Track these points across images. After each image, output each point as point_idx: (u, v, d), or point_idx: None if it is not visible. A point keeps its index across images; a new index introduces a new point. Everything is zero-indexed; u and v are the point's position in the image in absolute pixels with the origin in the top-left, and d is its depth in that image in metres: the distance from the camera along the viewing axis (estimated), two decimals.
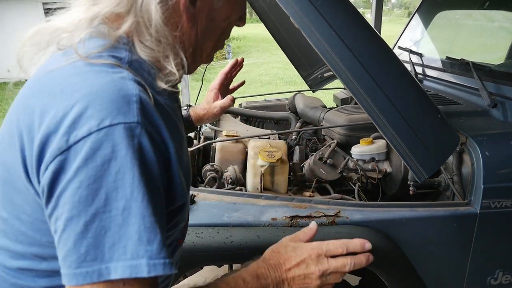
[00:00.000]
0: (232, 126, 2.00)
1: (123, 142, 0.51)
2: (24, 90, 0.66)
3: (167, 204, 0.60)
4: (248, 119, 2.39)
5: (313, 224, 0.83)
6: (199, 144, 1.75)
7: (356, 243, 0.79)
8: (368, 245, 0.80)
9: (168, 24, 0.63)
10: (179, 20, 0.65)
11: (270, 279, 0.71)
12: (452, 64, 2.03)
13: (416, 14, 2.57)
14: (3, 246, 0.63)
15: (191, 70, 0.75)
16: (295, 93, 2.57)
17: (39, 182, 0.54)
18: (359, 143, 1.69)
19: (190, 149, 1.61)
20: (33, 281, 0.62)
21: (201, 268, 1.46)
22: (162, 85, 0.63)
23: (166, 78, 0.64)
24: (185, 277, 1.43)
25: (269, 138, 1.89)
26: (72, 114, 0.52)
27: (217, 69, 1.06)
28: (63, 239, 0.51)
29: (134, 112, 0.53)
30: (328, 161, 1.61)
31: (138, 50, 0.63)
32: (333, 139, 1.87)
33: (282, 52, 2.67)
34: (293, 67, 2.69)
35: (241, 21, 0.77)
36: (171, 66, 0.64)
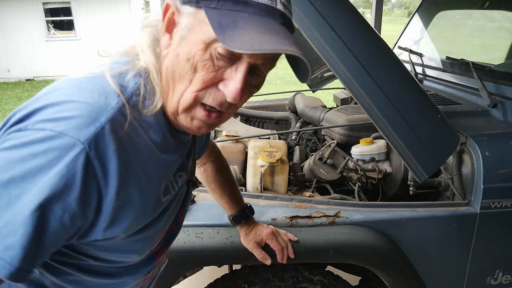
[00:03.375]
0: (232, 126, 2.00)
1: (57, 150, 0.55)
2: None
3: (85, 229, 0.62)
4: (248, 119, 2.39)
5: None
6: None
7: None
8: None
9: (150, 46, 0.68)
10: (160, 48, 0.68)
11: None
12: (452, 64, 2.03)
13: (416, 14, 2.57)
14: None
15: (171, 117, 0.71)
16: (295, 93, 2.57)
17: None
18: (359, 143, 1.68)
19: None
20: None
21: (201, 268, 1.45)
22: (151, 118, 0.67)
23: (154, 101, 0.67)
24: (185, 277, 1.43)
25: (269, 138, 1.89)
26: (39, 109, 0.58)
27: None
28: None
29: (87, 134, 0.56)
30: (328, 161, 1.61)
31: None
32: (333, 139, 1.87)
33: None
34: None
35: (222, 85, 0.64)
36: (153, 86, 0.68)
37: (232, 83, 0.63)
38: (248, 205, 1.24)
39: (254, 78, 0.66)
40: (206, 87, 0.64)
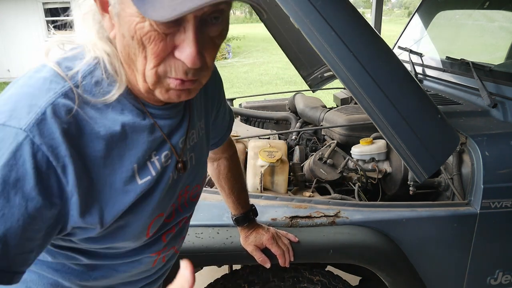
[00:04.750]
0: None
1: (3, 142, 0.54)
2: None
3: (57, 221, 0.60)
4: (248, 119, 2.39)
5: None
6: None
7: None
8: None
9: (98, 31, 0.64)
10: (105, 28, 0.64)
11: None
12: (452, 64, 2.03)
13: (416, 14, 2.57)
14: None
15: (148, 95, 0.67)
16: (295, 93, 2.57)
17: None
18: (359, 143, 1.68)
19: None
20: None
21: (201, 268, 1.45)
22: (108, 97, 0.63)
23: (113, 88, 0.64)
24: None
25: (269, 138, 1.89)
26: None
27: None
28: None
29: (28, 121, 0.55)
30: (328, 161, 1.61)
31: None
32: (333, 139, 1.87)
33: (282, 52, 2.67)
34: (293, 67, 2.69)
35: (178, 51, 0.57)
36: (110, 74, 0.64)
37: (185, 46, 0.56)
38: (253, 207, 1.23)
39: (211, 29, 0.59)
40: (161, 59, 0.58)
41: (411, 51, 2.30)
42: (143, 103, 0.69)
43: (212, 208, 1.30)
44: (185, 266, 0.53)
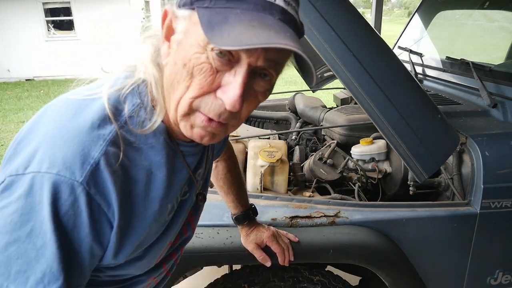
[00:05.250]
0: None
1: (60, 193, 0.55)
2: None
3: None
4: (248, 119, 2.39)
5: None
6: None
7: None
8: None
9: (152, 57, 0.67)
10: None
11: None
12: (452, 64, 2.03)
13: (416, 14, 2.57)
14: None
15: (174, 127, 0.67)
16: (295, 93, 2.57)
17: None
18: (359, 143, 1.68)
19: None
20: None
21: (201, 268, 1.45)
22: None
23: (155, 115, 0.66)
24: (185, 277, 1.43)
25: (269, 138, 1.89)
26: (33, 152, 0.58)
27: None
28: None
29: (83, 174, 0.56)
30: (328, 161, 1.61)
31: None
32: (333, 139, 1.87)
33: None
34: (293, 67, 2.69)
35: (221, 92, 0.58)
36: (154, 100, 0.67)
37: (231, 88, 0.57)
38: (253, 206, 1.24)
39: (258, 83, 0.60)
40: (203, 93, 0.59)
41: (411, 51, 2.30)
42: (177, 142, 0.71)
43: (212, 208, 1.30)
44: None
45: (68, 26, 11.13)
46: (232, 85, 0.57)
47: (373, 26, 2.62)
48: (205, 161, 0.83)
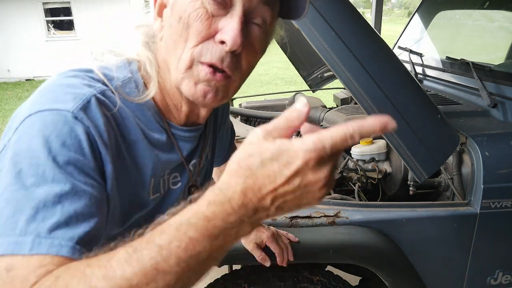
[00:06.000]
0: None
1: (50, 124, 0.53)
2: None
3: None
4: (248, 119, 2.39)
5: (302, 103, 0.45)
6: None
7: (372, 124, 0.42)
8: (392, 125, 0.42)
9: (145, 37, 0.69)
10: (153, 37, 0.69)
11: (234, 216, 0.44)
12: (452, 64, 2.03)
13: (416, 14, 2.57)
14: None
15: (178, 83, 0.65)
16: (295, 93, 2.57)
17: None
18: (359, 143, 1.68)
19: None
20: None
21: None
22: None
23: (148, 91, 0.67)
24: None
25: None
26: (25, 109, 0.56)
27: None
28: None
29: (75, 105, 0.55)
30: None
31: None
32: None
33: (282, 52, 2.67)
34: (293, 67, 2.69)
35: (219, 34, 0.59)
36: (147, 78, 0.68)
37: (229, 27, 0.58)
38: None
39: (253, 31, 0.62)
40: (201, 39, 0.59)
41: (411, 51, 2.30)
42: (168, 123, 0.71)
43: None
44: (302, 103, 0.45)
45: (68, 26, 11.14)
46: (230, 25, 0.58)
47: (373, 26, 2.62)
48: (200, 151, 0.81)
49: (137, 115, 0.65)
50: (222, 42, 0.59)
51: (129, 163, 0.64)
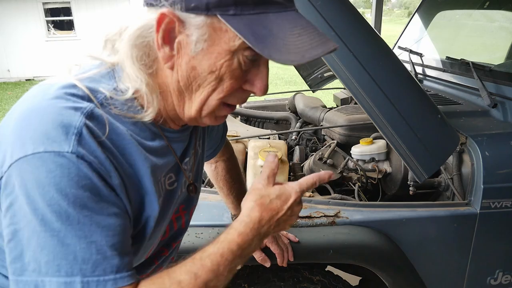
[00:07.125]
0: (232, 126, 2.00)
1: (57, 169, 0.54)
2: None
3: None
4: (248, 119, 2.39)
5: (271, 157, 0.75)
6: None
7: (323, 175, 0.75)
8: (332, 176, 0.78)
9: (140, 61, 0.63)
10: (153, 59, 0.64)
11: (255, 239, 0.67)
12: (452, 64, 2.03)
13: (416, 14, 2.57)
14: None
15: (189, 120, 0.70)
16: (295, 93, 2.57)
17: None
18: (359, 143, 1.68)
19: None
20: None
21: None
22: (139, 117, 0.65)
23: (144, 113, 0.65)
24: None
25: (269, 138, 1.89)
26: (13, 139, 0.56)
27: None
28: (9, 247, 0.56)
29: (71, 143, 0.55)
30: (328, 161, 1.61)
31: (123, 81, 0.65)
32: (333, 139, 1.87)
33: None
34: (293, 67, 2.69)
35: (249, 85, 0.65)
36: (145, 103, 0.65)
37: (259, 81, 0.64)
38: None
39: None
40: (232, 92, 0.64)
41: (411, 51, 2.30)
42: (161, 127, 0.71)
43: (212, 208, 1.30)
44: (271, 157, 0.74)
45: (68, 26, 11.13)
46: (260, 78, 0.65)
47: (373, 26, 2.62)
48: (192, 148, 0.82)
49: (128, 127, 0.64)
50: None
51: (133, 176, 0.65)
